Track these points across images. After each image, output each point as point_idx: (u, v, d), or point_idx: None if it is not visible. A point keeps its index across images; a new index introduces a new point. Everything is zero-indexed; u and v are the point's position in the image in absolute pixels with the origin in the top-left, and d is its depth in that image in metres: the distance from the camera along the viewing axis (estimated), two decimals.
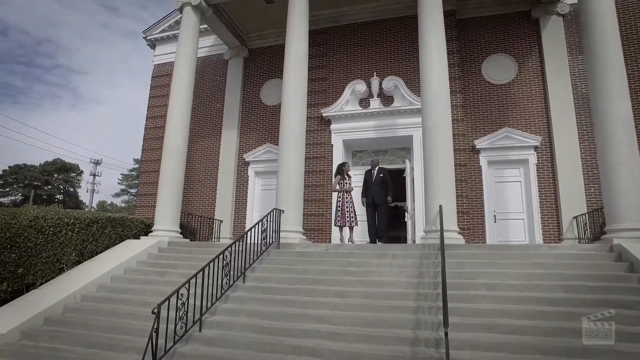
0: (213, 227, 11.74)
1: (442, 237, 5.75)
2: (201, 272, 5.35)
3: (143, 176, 13.37)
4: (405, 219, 10.14)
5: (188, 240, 9.45)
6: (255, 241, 7.07)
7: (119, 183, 52.44)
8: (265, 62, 12.73)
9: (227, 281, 5.96)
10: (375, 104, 10.52)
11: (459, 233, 7.30)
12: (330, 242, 9.99)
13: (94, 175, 46.24)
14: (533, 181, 9.47)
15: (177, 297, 4.72)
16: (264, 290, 6.11)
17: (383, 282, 5.85)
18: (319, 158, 10.72)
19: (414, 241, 9.53)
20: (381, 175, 8.21)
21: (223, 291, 5.82)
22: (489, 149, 9.89)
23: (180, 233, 9.48)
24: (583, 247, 6.16)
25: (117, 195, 55.23)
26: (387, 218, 8.24)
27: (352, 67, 11.17)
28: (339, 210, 8.20)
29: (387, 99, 10.61)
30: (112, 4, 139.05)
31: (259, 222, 7.19)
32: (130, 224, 8.89)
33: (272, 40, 12.60)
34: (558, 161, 9.26)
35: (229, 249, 6.10)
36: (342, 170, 8.38)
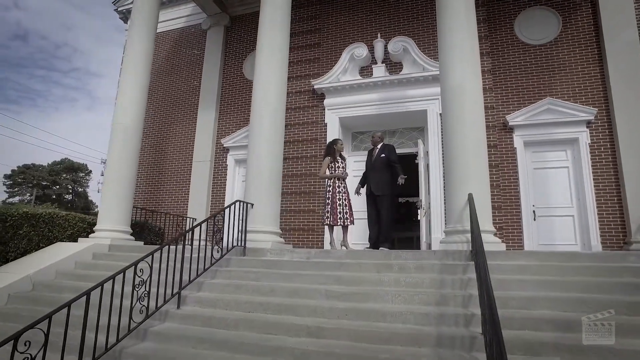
0: (185, 227, 9.76)
1: (477, 239, 3.62)
2: (85, 297, 3.31)
3: None
4: (418, 216, 8.02)
5: (141, 243, 7.47)
6: (206, 244, 5.07)
7: None
8: (250, 30, 10.67)
9: (144, 308, 3.93)
10: (379, 71, 8.39)
11: (496, 234, 5.16)
12: (323, 246, 7.91)
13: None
14: (585, 166, 7.24)
15: (14, 348, 2.70)
16: (204, 321, 4.05)
17: (384, 311, 3.74)
18: (309, 141, 8.65)
19: (430, 245, 7.38)
20: (383, 155, 6.09)
21: (135, 324, 3.79)
22: (525, 126, 7.69)
23: (132, 234, 7.51)
24: None
25: None
26: (393, 214, 6.11)
27: (352, 29, 9.06)
28: (328, 204, 6.11)
29: (394, 66, 8.48)
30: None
31: (210, 217, 5.16)
32: (63, 223, 6.93)
33: (257, 5, 10.49)
34: (621, 139, 7.01)
35: (149, 258, 4.06)
36: (332, 149, 6.29)
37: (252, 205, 5.98)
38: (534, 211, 7.48)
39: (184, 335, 3.81)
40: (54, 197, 50.12)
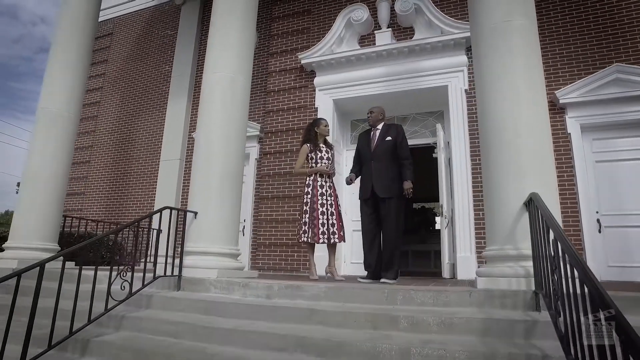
0: (149, 241, 7.95)
1: (578, 265, 1.64)
2: None
3: (71, 169, 9.72)
4: (439, 225, 6.04)
5: (72, 264, 5.65)
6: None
7: None
8: None
9: None
10: (384, 38, 6.48)
11: None
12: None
13: None
14: None
15: None
16: None
17: None
18: (295, 130, 6.77)
19: (454, 268, 5.41)
20: (388, 138, 4.13)
21: None
22: (583, 104, 5.66)
23: (60, 250, 5.71)
24: None
25: None
26: (402, 227, 4.11)
27: None
28: (306, 212, 4.19)
29: (403, 32, 6.58)
30: None
31: (112, 233, 3.35)
32: None
33: None
34: None
35: None
36: (313, 133, 4.41)
37: (196, 214, 4.11)
38: (598, 220, 5.43)
39: None
40: None
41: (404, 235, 4.63)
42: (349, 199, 6.56)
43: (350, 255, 6.40)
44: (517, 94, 3.16)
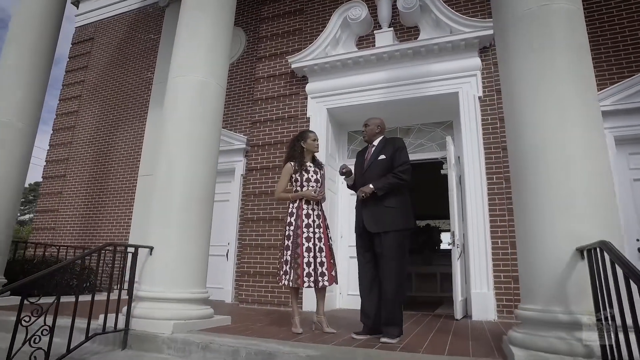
0: (124, 266, 7.13)
1: None
2: None
3: (45, 184, 8.98)
4: (443, 245, 5.20)
5: (17, 298, 4.83)
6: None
7: None
8: None
9: None
10: (385, 39, 5.72)
11: None
12: (302, 303, 5.12)
13: None
14: None
15: None
16: None
17: None
18: (284, 144, 5.97)
19: (467, 304, 4.57)
20: (382, 157, 3.26)
21: None
22: (617, 113, 4.86)
23: (5, 285, 4.90)
24: None
25: None
26: (405, 270, 3.21)
27: None
28: (287, 247, 3.37)
29: (407, 32, 5.82)
30: None
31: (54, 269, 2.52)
32: None
33: None
34: None
35: None
36: (299, 148, 3.59)
37: (151, 250, 3.30)
38: (639, 249, 4.60)
39: None
40: None
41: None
42: (346, 219, 5.76)
43: (347, 287, 5.57)
44: (565, 101, 2.36)
